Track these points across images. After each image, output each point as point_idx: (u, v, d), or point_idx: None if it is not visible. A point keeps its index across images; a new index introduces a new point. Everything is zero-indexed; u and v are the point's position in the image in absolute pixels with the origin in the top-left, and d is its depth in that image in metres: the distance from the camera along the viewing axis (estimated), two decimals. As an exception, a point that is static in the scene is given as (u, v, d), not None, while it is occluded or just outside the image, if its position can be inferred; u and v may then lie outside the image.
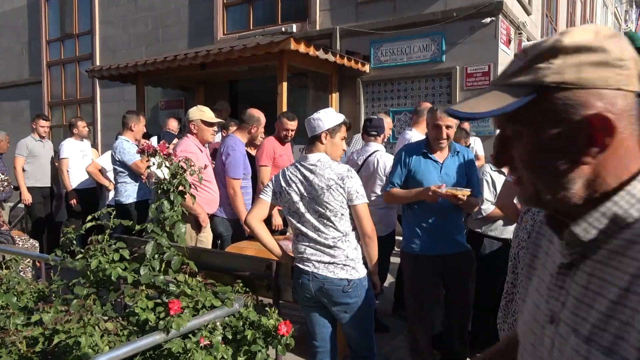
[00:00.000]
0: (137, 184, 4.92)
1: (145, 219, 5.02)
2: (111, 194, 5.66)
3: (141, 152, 2.50)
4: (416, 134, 4.57)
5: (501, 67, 6.80)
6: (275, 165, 4.69)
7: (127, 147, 4.86)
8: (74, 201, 5.97)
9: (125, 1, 10.41)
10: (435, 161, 2.95)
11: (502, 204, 3.01)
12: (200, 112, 3.85)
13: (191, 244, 3.61)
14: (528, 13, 8.19)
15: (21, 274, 3.45)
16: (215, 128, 3.92)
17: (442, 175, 2.92)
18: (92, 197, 6.04)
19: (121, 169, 4.90)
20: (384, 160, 4.00)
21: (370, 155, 4.09)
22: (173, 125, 6.61)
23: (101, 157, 6.09)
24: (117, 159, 4.90)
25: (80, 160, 5.99)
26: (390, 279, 4.64)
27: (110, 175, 5.68)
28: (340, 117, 2.52)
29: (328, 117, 2.45)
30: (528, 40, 7.94)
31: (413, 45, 7.20)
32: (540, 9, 9.30)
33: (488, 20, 6.66)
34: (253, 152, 4.90)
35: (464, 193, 2.74)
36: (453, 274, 2.97)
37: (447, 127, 2.88)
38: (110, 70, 8.07)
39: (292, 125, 4.71)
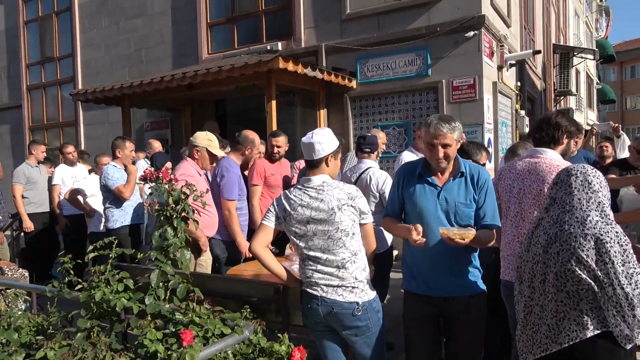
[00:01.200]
0: (122, 208, 4.89)
1: (135, 244, 4.96)
2: (94, 221, 5.56)
3: (143, 179, 2.46)
4: (409, 155, 4.54)
5: (485, 80, 6.93)
6: (267, 184, 4.69)
7: (112, 172, 4.85)
8: (63, 226, 5.96)
9: (107, 23, 10.37)
10: (433, 184, 2.45)
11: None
12: (208, 141, 3.80)
13: (191, 269, 3.55)
14: (508, 25, 8.38)
15: (10, 304, 3.35)
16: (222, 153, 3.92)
17: (440, 201, 2.41)
18: (83, 223, 5.94)
19: (106, 194, 4.90)
20: (377, 176, 3.99)
21: (363, 172, 4.09)
22: (156, 146, 6.56)
23: (84, 182, 5.99)
24: (102, 183, 4.90)
25: (72, 186, 5.92)
26: (388, 295, 4.62)
27: (93, 200, 5.58)
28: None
29: (329, 139, 2.44)
30: (510, 52, 8.12)
31: (399, 60, 7.30)
32: (519, 21, 9.53)
33: (471, 34, 6.79)
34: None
35: (465, 236, 2.21)
36: (453, 321, 2.47)
37: (445, 145, 2.35)
38: (96, 93, 7.99)
39: (278, 141, 4.72)
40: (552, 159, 2.64)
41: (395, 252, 4.84)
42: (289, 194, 2.44)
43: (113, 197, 4.86)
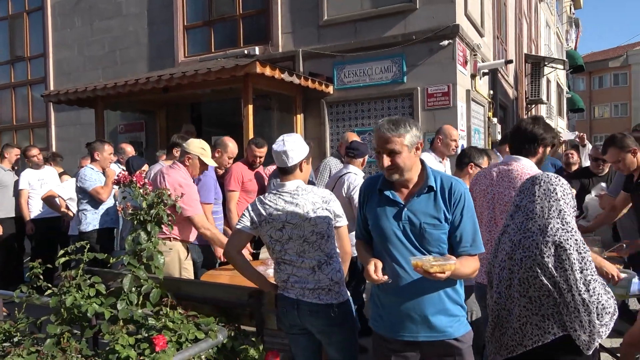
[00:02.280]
0: (97, 211, 4.83)
1: (108, 248, 4.90)
2: (72, 223, 5.48)
3: (117, 183, 2.44)
4: (428, 156, 4.31)
5: (459, 87, 7.08)
6: (244, 189, 4.68)
7: (89, 174, 4.79)
8: (29, 230, 5.80)
9: (80, 23, 10.19)
10: (395, 202, 2.05)
11: None
12: (201, 150, 3.69)
13: (176, 274, 3.54)
14: (481, 35, 8.58)
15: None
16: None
17: (403, 221, 2.01)
18: (55, 226, 5.81)
19: (81, 196, 4.84)
20: (350, 181, 4.04)
21: (342, 176, 4.15)
22: (129, 150, 6.44)
23: (62, 185, 5.89)
24: (77, 185, 4.85)
25: (39, 189, 5.79)
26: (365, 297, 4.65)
27: (71, 203, 5.51)
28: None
29: (300, 145, 2.46)
30: (483, 61, 8.31)
31: (375, 67, 7.39)
32: (492, 31, 9.77)
33: (446, 42, 6.93)
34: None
35: (446, 267, 1.82)
36: None
37: (391, 152, 1.99)
38: (68, 94, 7.82)
39: (261, 152, 4.73)
40: (523, 167, 2.71)
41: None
42: (264, 199, 2.45)
43: (88, 200, 4.80)
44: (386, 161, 2.00)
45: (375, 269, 1.92)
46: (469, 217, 2.03)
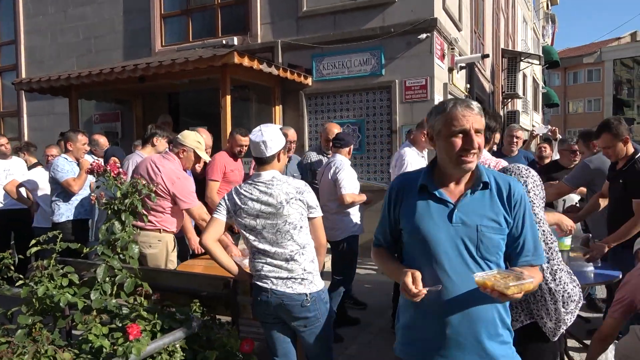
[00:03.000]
0: (70, 202, 4.76)
1: (81, 239, 4.83)
2: (37, 215, 5.34)
3: (90, 172, 2.42)
4: (411, 152, 4.40)
5: (437, 81, 7.15)
6: (225, 180, 4.66)
7: (62, 164, 4.71)
8: None
9: (54, 10, 9.94)
10: (443, 200, 1.71)
11: None
12: (197, 143, 3.63)
13: (163, 266, 3.53)
14: (459, 29, 8.67)
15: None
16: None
17: (454, 224, 1.67)
18: (20, 218, 5.65)
19: (54, 187, 4.77)
20: (337, 165, 4.17)
21: (329, 164, 4.25)
22: (102, 142, 6.30)
23: (29, 174, 5.74)
24: (50, 176, 4.76)
25: (4, 180, 5.62)
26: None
27: (38, 194, 5.38)
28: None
29: (278, 136, 2.48)
30: (460, 55, 8.41)
31: (354, 59, 7.41)
32: (470, 25, 9.87)
33: (424, 36, 6.99)
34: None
35: (524, 287, 1.51)
36: None
37: (477, 131, 1.65)
38: (41, 82, 7.64)
39: (246, 141, 4.71)
40: (483, 157, 2.81)
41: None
42: (240, 189, 2.47)
43: (61, 190, 4.73)
44: (475, 140, 1.63)
45: (414, 281, 1.57)
46: (530, 224, 1.74)
